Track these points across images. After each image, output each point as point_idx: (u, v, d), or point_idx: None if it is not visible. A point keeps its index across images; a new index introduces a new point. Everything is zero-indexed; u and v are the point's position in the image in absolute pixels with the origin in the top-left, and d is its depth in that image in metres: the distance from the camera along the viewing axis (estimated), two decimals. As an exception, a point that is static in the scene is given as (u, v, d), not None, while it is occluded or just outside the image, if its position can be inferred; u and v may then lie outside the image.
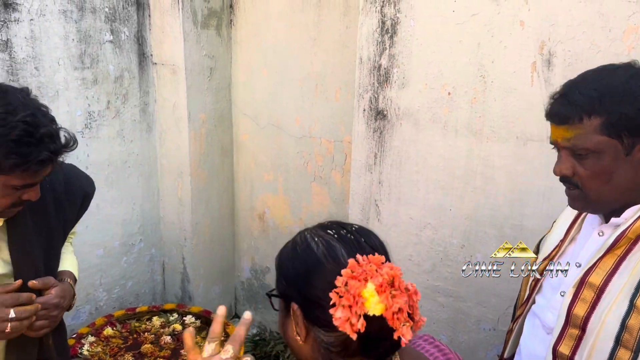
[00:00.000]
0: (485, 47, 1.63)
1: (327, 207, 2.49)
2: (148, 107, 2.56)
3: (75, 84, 2.24)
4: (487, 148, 1.69)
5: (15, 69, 2.04)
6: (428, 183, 1.85)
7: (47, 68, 2.14)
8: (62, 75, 2.19)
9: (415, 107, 1.81)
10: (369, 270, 0.84)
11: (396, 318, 0.82)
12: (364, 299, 0.83)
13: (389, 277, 0.84)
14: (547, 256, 1.18)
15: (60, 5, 2.13)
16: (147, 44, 2.49)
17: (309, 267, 0.91)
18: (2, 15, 1.97)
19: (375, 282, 0.83)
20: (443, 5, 1.68)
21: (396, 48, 1.81)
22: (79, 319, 2.48)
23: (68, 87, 2.22)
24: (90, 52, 2.27)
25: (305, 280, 0.90)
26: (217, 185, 2.74)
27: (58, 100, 2.19)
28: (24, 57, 2.06)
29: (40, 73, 2.12)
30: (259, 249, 2.84)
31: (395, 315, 0.82)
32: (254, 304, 2.96)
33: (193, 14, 2.40)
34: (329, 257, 0.88)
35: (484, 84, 1.66)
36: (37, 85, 2.11)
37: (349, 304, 0.83)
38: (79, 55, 2.23)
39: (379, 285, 0.83)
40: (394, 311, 0.82)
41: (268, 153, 2.64)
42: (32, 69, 2.09)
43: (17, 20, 2.01)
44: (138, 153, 2.57)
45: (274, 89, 2.52)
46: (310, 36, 2.33)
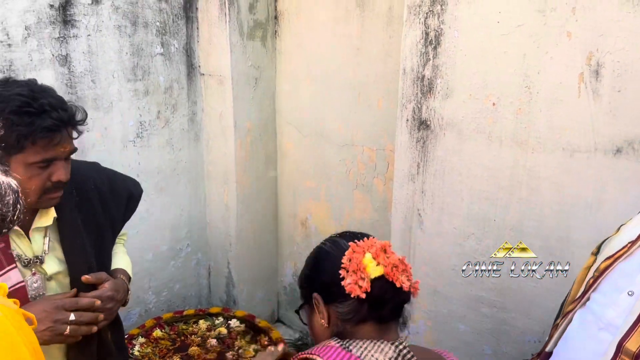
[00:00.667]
0: (530, 58, 1.62)
1: (369, 214, 2.51)
2: (196, 116, 2.65)
3: (128, 95, 2.35)
4: (533, 159, 1.68)
5: (73, 82, 2.15)
6: (472, 193, 1.85)
7: (102, 80, 2.25)
8: (116, 87, 2.30)
9: (459, 117, 1.81)
10: (365, 245, 1.09)
11: (394, 272, 1.06)
12: (365, 265, 1.06)
13: (382, 246, 1.10)
14: (612, 255, 1.17)
15: (115, 21, 2.23)
16: (195, 55, 2.58)
17: (319, 259, 1.16)
18: (62, 32, 2.08)
19: (371, 251, 1.08)
20: (488, 16, 1.68)
21: (440, 59, 1.82)
22: (129, 320, 2.58)
23: (121, 99, 2.32)
24: (142, 65, 2.37)
25: (319, 270, 1.15)
26: (261, 192, 2.80)
27: (112, 111, 2.30)
28: (81, 70, 2.17)
29: (96, 85, 2.23)
30: (301, 254, 2.89)
31: (393, 269, 1.06)
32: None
33: (239, 26, 2.47)
34: (334, 247, 1.13)
35: (529, 95, 1.65)
36: (93, 97, 2.22)
37: (353, 270, 1.06)
38: (131, 68, 2.34)
39: (375, 253, 1.07)
40: (392, 266, 1.06)
41: (311, 161, 2.69)
42: (89, 82, 2.20)
43: (76, 36, 2.12)
44: (186, 161, 2.66)
45: (317, 98, 2.57)
46: (354, 46, 2.36)
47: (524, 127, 1.68)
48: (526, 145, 1.69)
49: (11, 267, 1.26)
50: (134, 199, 1.62)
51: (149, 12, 2.34)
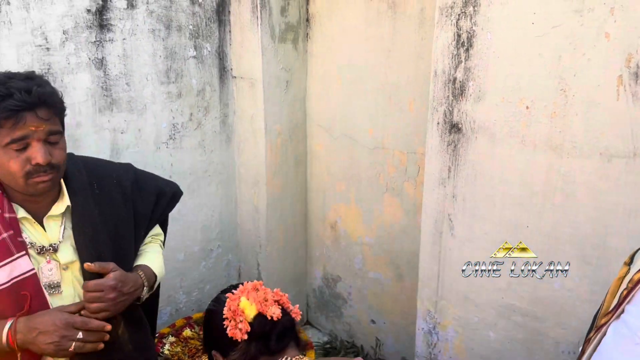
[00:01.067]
0: (566, 60, 1.57)
1: (399, 218, 2.48)
2: (227, 118, 2.67)
3: (161, 97, 2.39)
4: (568, 164, 1.63)
5: (108, 84, 2.20)
6: (504, 198, 1.80)
7: (136, 83, 2.29)
8: (150, 90, 2.34)
9: (492, 120, 1.77)
10: (240, 291, 1.21)
11: (264, 306, 1.17)
12: (242, 309, 1.17)
13: (253, 286, 1.22)
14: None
15: (150, 25, 2.27)
16: (227, 58, 2.60)
17: (208, 318, 1.29)
18: (99, 36, 2.13)
19: (244, 294, 1.19)
20: (522, 17, 1.64)
21: (472, 61, 1.78)
22: (160, 319, 2.62)
23: (155, 101, 2.36)
24: (175, 68, 2.41)
25: (210, 328, 1.27)
26: (291, 194, 2.81)
27: (146, 113, 2.34)
28: (116, 73, 2.22)
29: (131, 88, 2.28)
30: (330, 257, 2.88)
31: (263, 304, 1.17)
32: (325, 312, 3.00)
33: (271, 29, 2.48)
34: (217, 304, 1.25)
35: (565, 98, 1.60)
36: (127, 99, 2.26)
37: (233, 317, 1.17)
38: (165, 71, 2.37)
39: (247, 294, 1.19)
40: (262, 301, 1.18)
41: (341, 164, 2.68)
42: (123, 85, 2.25)
43: (112, 40, 2.17)
44: (217, 162, 2.69)
45: (348, 100, 2.56)
46: (385, 48, 2.34)
47: (559, 131, 1.63)
48: (561, 150, 1.64)
49: (20, 255, 1.27)
50: (166, 196, 1.64)
51: (182, 15, 2.38)
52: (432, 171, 1.98)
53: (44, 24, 1.98)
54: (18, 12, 1.91)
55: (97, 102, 2.17)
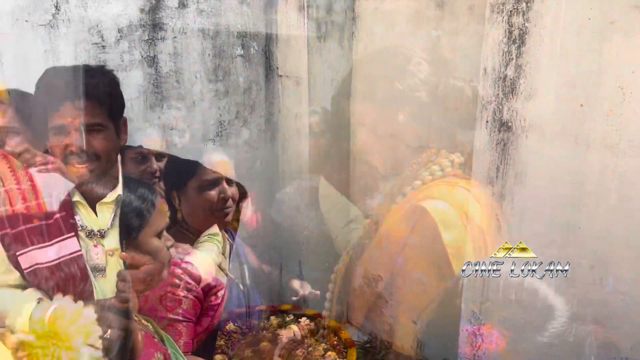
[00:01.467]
0: (624, 57, 1.53)
1: (444, 218, 2.45)
2: (272, 117, 2.70)
3: (209, 95, 2.43)
4: (625, 164, 1.59)
5: (159, 82, 2.26)
6: (555, 198, 1.76)
7: (186, 81, 2.34)
8: (199, 88, 2.39)
9: (543, 119, 1.74)
10: None
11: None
12: None
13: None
14: None
15: (200, 23, 2.32)
16: (273, 57, 2.63)
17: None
18: (151, 34, 2.19)
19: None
20: (577, 13, 1.60)
21: (524, 58, 1.75)
22: (204, 312, 2.67)
23: (203, 99, 2.41)
24: (223, 66, 2.45)
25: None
26: (333, 193, 2.81)
27: (194, 110, 2.39)
28: (167, 71, 2.27)
29: (180, 86, 2.33)
30: (371, 257, 2.87)
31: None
32: (366, 311, 2.99)
33: (317, 28, 2.50)
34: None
35: (622, 96, 1.55)
36: (176, 97, 2.32)
37: None
38: (213, 69, 2.42)
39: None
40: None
41: (384, 163, 2.66)
42: (173, 82, 2.30)
43: (163, 39, 2.23)
44: (262, 160, 2.72)
45: (392, 99, 2.54)
46: (432, 46, 2.32)
47: (615, 129, 1.59)
48: (617, 149, 1.60)
49: (70, 236, 1.34)
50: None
51: (231, 15, 2.42)
52: (480, 170, 1.95)
53: (100, 22, 2.05)
54: (76, 10, 1.99)
55: (149, 98, 2.24)
